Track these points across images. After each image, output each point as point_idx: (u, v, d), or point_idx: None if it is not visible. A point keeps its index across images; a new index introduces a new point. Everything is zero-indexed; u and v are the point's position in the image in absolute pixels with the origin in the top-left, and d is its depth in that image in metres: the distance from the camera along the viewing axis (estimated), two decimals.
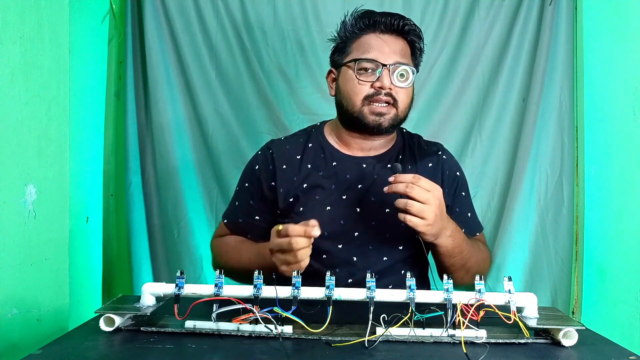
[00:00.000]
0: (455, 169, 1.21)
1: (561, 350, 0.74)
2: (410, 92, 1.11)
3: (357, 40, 1.11)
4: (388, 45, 1.09)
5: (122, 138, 1.78)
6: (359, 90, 1.08)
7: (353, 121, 1.11)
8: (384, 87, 1.07)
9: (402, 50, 1.10)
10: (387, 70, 1.07)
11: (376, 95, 1.07)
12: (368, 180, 1.12)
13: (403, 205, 0.93)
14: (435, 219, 0.94)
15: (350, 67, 1.10)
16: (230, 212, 1.20)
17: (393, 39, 1.10)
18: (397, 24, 1.09)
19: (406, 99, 1.10)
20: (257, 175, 1.16)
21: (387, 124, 1.09)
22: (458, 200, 1.18)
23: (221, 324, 0.77)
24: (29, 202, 1.12)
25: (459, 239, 1.02)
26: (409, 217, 0.93)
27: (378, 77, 1.07)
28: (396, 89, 1.08)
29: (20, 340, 1.07)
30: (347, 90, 1.11)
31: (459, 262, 1.04)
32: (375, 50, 1.08)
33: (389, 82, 1.07)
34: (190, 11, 1.77)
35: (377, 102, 1.08)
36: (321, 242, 1.09)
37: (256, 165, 1.17)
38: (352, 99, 1.09)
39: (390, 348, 0.73)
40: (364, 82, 1.08)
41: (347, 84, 1.11)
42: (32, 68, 1.13)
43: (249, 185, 1.17)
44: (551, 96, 1.77)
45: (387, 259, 1.10)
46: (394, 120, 1.10)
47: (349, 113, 1.11)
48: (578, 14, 1.79)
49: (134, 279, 1.77)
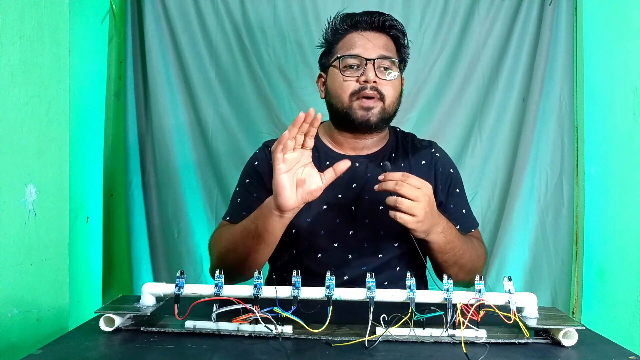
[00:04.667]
0: (449, 166, 1.21)
1: (561, 350, 0.74)
2: (397, 86, 1.13)
3: (341, 41, 1.15)
4: (371, 41, 1.12)
5: (122, 138, 1.78)
6: (345, 86, 1.10)
7: (343, 119, 1.13)
8: (369, 81, 1.08)
9: (385, 45, 1.13)
10: (372, 64, 1.09)
11: (362, 90, 1.09)
12: (361, 179, 1.14)
13: (393, 202, 0.94)
14: (426, 215, 0.94)
15: (335, 66, 1.13)
16: (233, 209, 1.19)
17: (376, 35, 1.13)
18: (377, 20, 1.13)
19: (393, 92, 1.12)
20: (257, 170, 1.17)
21: (375, 119, 1.10)
22: (452, 197, 1.19)
23: (221, 324, 0.77)
24: (29, 202, 1.12)
25: (450, 235, 1.03)
26: (399, 214, 0.94)
27: (363, 71, 1.09)
28: (382, 82, 1.10)
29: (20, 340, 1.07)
30: (334, 89, 1.13)
31: (452, 258, 1.05)
32: (359, 47, 1.11)
33: (374, 76, 1.08)
34: (190, 11, 1.77)
35: (364, 96, 1.09)
36: (317, 241, 1.11)
37: (255, 162, 1.19)
38: (340, 96, 1.11)
39: (390, 348, 0.73)
40: (349, 77, 1.10)
41: (334, 82, 1.13)
42: (32, 68, 1.13)
43: (250, 180, 1.18)
44: (551, 96, 1.77)
45: (382, 256, 1.12)
46: (382, 114, 1.11)
47: (338, 111, 1.13)
48: (578, 14, 1.79)
49: (134, 279, 1.77)
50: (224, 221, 1.20)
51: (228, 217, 1.19)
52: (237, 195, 1.20)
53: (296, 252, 1.13)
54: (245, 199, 1.18)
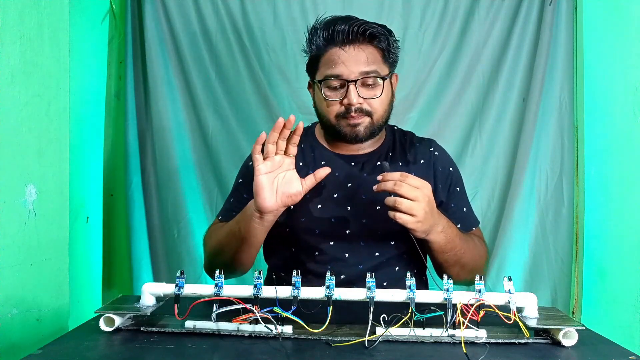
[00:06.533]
0: (449, 165, 1.20)
1: (561, 350, 0.74)
2: (384, 99, 1.09)
3: (323, 56, 1.09)
4: (352, 57, 1.06)
5: (122, 138, 1.78)
6: (330, 110, 1.09)
7: (333, 133, 1.13)
8: (352, 104, 1.05)
9: (367, 59, 1.06)
10: (354, 85, 1.05)
11: (347, 113, 1.07)
12: (357, 179, 1.13)
13: (392, 203, 0.94)
14: (425, 215, 0.94)
15: (318, 86, 1.10)
16: (225, 209, 1.20)
17: (357, 49, 1.06)
18: (356, 31, 1.05)
19: (380, 106, 1.09)
20: (250, 172, 1.16)
21: (363, 134, 1.09)
22: (453, 195, 1.18)
23: (221, 324, 0.77)
24: (29, 202, 1.12)
25: (451, 235, 1.02)
26: (398, 214, 0.93)
27: (346, 94, 1.06)
28: (368, 101, 1.07)
29: (20, 340, 1.07)
30: (321, 109, 1.12)
31: (453, 257, 1.05)
32: (340, 66, 1.05)
33: (357, 97, 1.05)
34: (190, 11, 1.77)
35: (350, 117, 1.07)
36: (313, 240, 1.11)
37: (249, 162, 1.18)
38: (325, 115, 1.11)
39: (390, 348, 0.73)
40: (332, 101, 1.08)
41: (320, 103, 1.12)
42: (32, 68, 1.13)
43: (242, 181, 1.18)
44: (551, 96, 1.77)
45: (379, 255, 1.11)
46: (371, 128, 1.09)
47: (327, 126, 1.12)
48: (578, 14, 1.79)
49: (134, 279, 1.77)
50: (217, 220, 1.21)
51: (220, 217, 1.20)
52: (230, 195, 1.21)
53: (295, 250, 1.14)
54: (237, 199, 1.18)
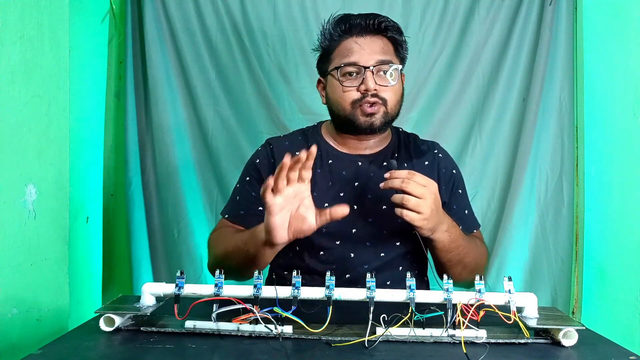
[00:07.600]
0: (452, 167, 1.22)
1: (561, 350, 0.74)
2: (398, 89, 1.12)
3: (337, 47, 1.13)
4: (368, 46, 1.10)
5: (122, 138, 1.78)
6: (346, 96, 1.10)
7: (346, 124, 1.13)
8: (369, 90, 1.07)
9: (382, 49, 1.10)
10: (370, 72, 1.07)
11: (364, 99, 1.08)
12: (364, 178, 1.14)
13: (399, 200, 0.94)
14: (432, 213, 0.95)
15: (334, 75, 1.12)
16: (231, 207, 1.20)
17: (372, 40, 1.11)
18: (372, 23, 1.10)
19: (394, 96, 1.11)
20: (258, 168, 1.17)
21: (379, 123, 1.10)
22: (455, 197, 1.19)
23: (221, 324, 0.77)
24: (29, 202, 1.12)
25: (455, 234, 1.03)
26: (405, 211, 0.94)
27: (362, 80, 1.08)
28: (382, 88, 1.09)
29: (20, 340, 1.07)
30: (335, 98, 1.12)
31: (456, 257, 1.05)
32: (356, 54, 1.09)
33: (374, 84, 1.07)
34: (190, 11, 1.77)
35: (365, 104, 1.09)
36: (318, 239, 1.11)
37: (257, 159, 1.19)
38: (341, 104, 1.11)
39: (390, 348, 0.73)
40: (349, 87, 1.09)
41: (334, 92, 1.12)
42: (32, 68, 1.13)
43: (250, 178, 1.18)
44: (551, 96, 1.77)
45: (384, 255, 1.12)
46: (385, 118, 1.11)
47: (341, 117, 1.13)
48: (578, 14, 1.79)
49: (134, 279, 1.77)
50: (223, 219, 1.20)
51: (227, 215, 1.19)
52: (236, 193, 1.21)
53: (299, 249, 1.14)
54: (244, 197, 1.18)
